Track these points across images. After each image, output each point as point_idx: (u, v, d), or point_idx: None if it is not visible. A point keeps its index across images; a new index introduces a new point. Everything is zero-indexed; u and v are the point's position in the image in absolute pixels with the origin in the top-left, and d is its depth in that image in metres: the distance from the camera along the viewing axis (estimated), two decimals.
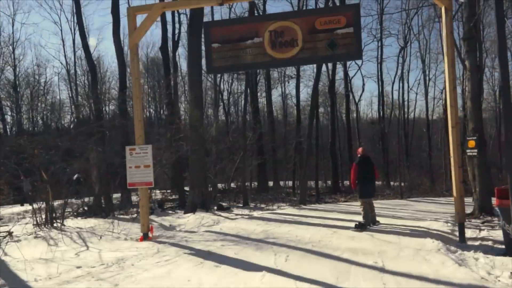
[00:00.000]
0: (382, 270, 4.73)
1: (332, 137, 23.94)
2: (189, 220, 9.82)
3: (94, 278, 4.90)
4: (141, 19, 7.04)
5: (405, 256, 5.41)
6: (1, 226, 9.64)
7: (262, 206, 13.62)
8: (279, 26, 6.60)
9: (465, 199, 6.75)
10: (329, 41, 6.44)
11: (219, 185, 20.11)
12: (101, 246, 6.96)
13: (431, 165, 28.56)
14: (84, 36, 13.90)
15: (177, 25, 19.12)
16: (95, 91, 12.48)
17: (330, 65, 24.12)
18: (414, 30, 28.02)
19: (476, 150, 9.34)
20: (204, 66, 9.57)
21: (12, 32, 43.00)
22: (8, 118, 33.34)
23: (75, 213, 13.60)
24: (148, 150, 7.34)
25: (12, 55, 32.20)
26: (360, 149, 8.34)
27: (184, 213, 11.15)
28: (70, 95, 34.25)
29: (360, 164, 7.94)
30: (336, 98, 27.31)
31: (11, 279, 5.10)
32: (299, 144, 22.05)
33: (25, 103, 34.45)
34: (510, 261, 4.80)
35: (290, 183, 23.76)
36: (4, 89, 32.35)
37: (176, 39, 18.56)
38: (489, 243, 6.18)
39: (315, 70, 22.43)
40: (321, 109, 33.00)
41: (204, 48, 6.97)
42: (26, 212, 14.28)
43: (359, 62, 28.34)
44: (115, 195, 14.70)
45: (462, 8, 10.59)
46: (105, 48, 66.84)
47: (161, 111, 37.43)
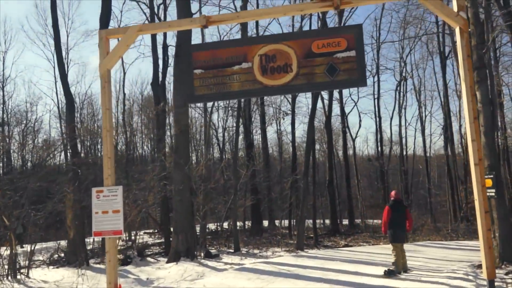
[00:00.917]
0: None
1: (329, 174, 22.91)
2: (170, 272, 8.59)
3: None
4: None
5: None
6: None
7: (255, 252, 12.35)
8: (270, 50, 5.75)
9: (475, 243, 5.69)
10: (328, 66, 5.57)
11: (211, 226, 18.83)
12: None
13: (431, 203, 27.51)
14: (62, 63, 12.99)
15: (170, 60, 18.59)
16: (71, 125, 11.52)
17: (326, 101, 23.53)
18: (408, 67, 27.75)
19: (493, 190, 8.34)
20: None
21: (3, 70, 42.69)
22: None
23: (48, 261, 12.30)
24: (118, 193, 6.25)
25: (2, 92, 31.58)
26: (393, 193, 8.33)
27: (167, 262, 9.91)
28: (61, 133, 33.38)
29: (392, 207, 7.86)
30: (332, 135, 26.57)
31: None
32: (295, 182, 20.97)
33: (14, 141, 33.42)
34: None
35: (286, 223, 22.47)
36: None
37: (167, 74, 17.93)
38: None
39: (310, 106, 21.81)
40: (317, 146, 32.26)
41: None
42: None
43: (356, 98, 27.88)
44: (96, 238, 13.46)
45: (470, 34, 9.93)
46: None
47: (155, 149, 36.65)
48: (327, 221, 25.37)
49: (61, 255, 12.29)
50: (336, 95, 25.24)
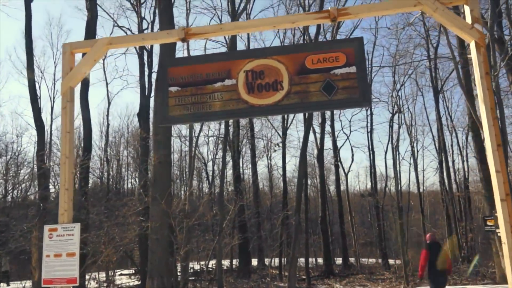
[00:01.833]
0: None
1: (322, 211, 21.86)
2: None
3: None
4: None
5: None
6: None
7: None
8: (258, 65, 4.99)
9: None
10: (324, 83, 4.81)
11: (196, 265, 17.46)
12: None
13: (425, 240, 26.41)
14: (33, 87, 12.14)
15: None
16: (40, 156, 10.56)
17: (318, 134, 22.88)
18: (401, 100, 27.46)
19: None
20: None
21: None
22: None
23: None
24: (75, 232, 5.24)
25: None
26: (428, 235, 8.40)
27: None
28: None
29: (430, 249, 7.81)
30: (324, 169, 25.73)
31: None
32: (286, 219, 19.88)
33: None
34: None
35: (276, 261, 21.14)
36: None
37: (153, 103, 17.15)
38: None
39: (301, 139, 21.14)
40: (308, 181, 31.33)
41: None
42: None
43: (348, 132, 27.33)
44: None
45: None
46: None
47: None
48: (320, 260, 24.06)
49: None
50: (328, 128, 24.69)
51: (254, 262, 22.45)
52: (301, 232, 17.18)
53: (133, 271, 17.73)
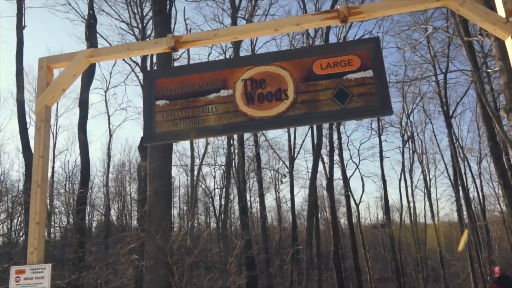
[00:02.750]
0: None
1: (335, 244, 20.63)
2: None
3: None
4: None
5: None
6: None
7: None
8: (258, 73, 4.32)
9: None
10: (336, 90, 4.10)
11: None
12: None
13: (445, 276, 24.84)
14: (22, 115, 11.49)
15: None
16: (27, 189, 9.86)
17: (327, 163, 22.02)
18: (412, 125, 26.72)
19: None
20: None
21: None
22: None
23: None
24: (45, 274, 4.41)
25: None
26: (497, 269, 8.48)
27: None
28: (49, 207, 30.92)
29: (499, 283, 7.82)
30: (335, 200, 24.67)
31: None
32: (297, 254, 18.71)
33: None
34: None
35: None
36: None
37: None
38: None
39: (309, 170, 20.31)
40: (318, 213, 30.12)
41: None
42: None
43: (357, 160, 26.49)
44: None
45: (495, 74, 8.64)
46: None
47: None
48: None
49: None
50: (337, 157, 23.88)
51: None
52: (313, 268, 16.02)
53: None
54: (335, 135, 22.58)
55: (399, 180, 25.61)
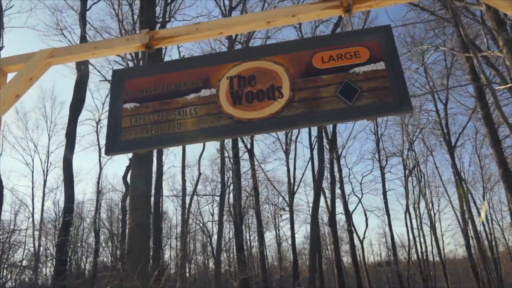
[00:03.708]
0: None
1: (339, 283, 19.24)
2: None
3: None
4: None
5: None
6: None
7: None
8: (246, 69, 3.61)
9: None
10: (342, 85, 3.37)
11: None
12: None
13: None
14: None
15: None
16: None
17: (328, 197, 21.04)
18: (414, 156, 25.96)
19: None
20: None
21: None
22: None
23: None
24: None
25: None
26: None
27: None
28: (37, 248, 28.38)
29: None
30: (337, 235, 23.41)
31: None
32: None
33: None
34: None
35: None
36: None
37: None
38: None
39: (310, 204, 19.34)
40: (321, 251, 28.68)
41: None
42: None
43: (359, 194, 25.52)
44: None
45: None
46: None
47: None
48: None
49: None
50: (338, 190, 22.93)
51: None
52: None
53: None
54: (336, 167, 21.78)
55: (405, 213, 24.47)
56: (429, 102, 23.48)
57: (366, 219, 25.38)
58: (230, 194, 17.15)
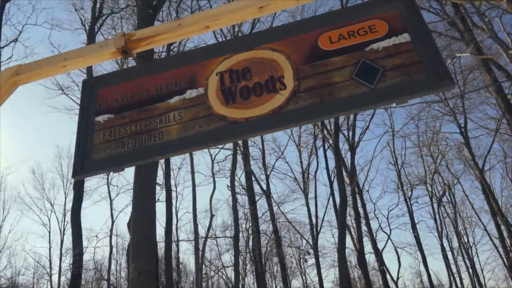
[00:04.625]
0: None
1: None
2: None
3: None
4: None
5: None
6: None
7: None
8: (238, 62, 2.99)
9: None
10: (358, 66, 2.70)
11: None
12: None
13: None
14: None
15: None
16: None
17: (354, 235, 19.69)
18: (439, 186, 24.56)
19: None
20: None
21: None
22: None
23: None
24: None
25: None
26: None
27: None
28: None
29: None
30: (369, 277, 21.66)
31: None
32: None
33: None
34: None
35: None
36: None
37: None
38: None
39: (336, 244, 18.00)
40: None
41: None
42: None
43: (387, 230, 23.99)
44: None
45: None
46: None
47: None
48: None
49: None
50: (364, 227, 21.52)
51: None
52: None
53: None
54: (359, 202, 20.58)
55: (441, 246, 22.69)
56: (446, 125, 22.50)
57: (398, 257, 23.59)
58: (249, 238, 16.11)
